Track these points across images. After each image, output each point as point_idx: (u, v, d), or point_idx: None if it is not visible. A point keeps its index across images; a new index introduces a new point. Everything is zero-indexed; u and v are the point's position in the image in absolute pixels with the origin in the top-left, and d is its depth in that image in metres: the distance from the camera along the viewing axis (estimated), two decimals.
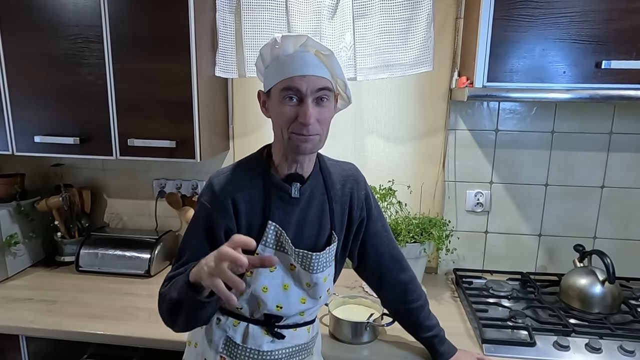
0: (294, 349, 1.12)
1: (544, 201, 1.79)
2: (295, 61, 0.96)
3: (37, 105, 1.63)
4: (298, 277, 1.08)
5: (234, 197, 1.03)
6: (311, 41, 0.96)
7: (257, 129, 1.90)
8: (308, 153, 1.01)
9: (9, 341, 1.48)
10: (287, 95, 0.96)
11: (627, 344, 1.31)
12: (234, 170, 1.07)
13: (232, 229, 1.03)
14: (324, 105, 0.98)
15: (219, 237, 1.02)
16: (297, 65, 0.96)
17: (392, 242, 1.23)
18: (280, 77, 0.97)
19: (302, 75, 0.95)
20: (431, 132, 1.82)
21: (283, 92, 0.97)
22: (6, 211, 1.79)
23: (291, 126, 0.97)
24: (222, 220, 1.02)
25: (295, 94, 0.96)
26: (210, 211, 1.03)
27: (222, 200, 1.02)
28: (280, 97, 0.97)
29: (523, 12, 1.35)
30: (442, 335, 1.25)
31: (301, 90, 0.95)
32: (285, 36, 0.96)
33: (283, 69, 0.97)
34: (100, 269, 1.83)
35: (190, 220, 1.08)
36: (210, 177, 1.07)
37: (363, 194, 1.16)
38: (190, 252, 1.04)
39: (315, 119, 0.96)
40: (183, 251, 1.06)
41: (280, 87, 0.97)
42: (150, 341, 1.38)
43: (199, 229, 1.05)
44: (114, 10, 1.52)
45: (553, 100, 1.42)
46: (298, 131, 0.97)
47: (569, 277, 1.59)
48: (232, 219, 1.03)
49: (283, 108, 0.97)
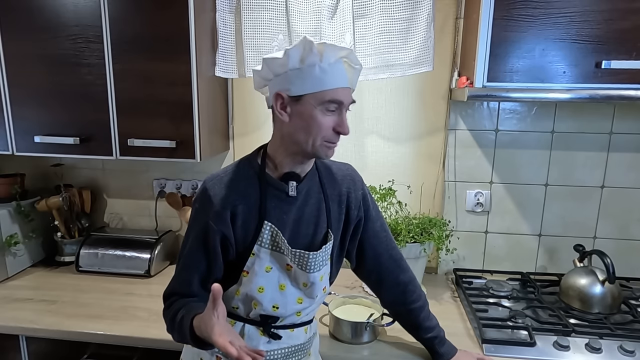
0: (290, 349, 1.12)
1: (544, 201, 1.79)
2: (339, 73, 0.98)
3: (37, 105, 1.63)
4: (295, 277, 1.08)
5: (230, 203, 1.02)
6: (352, 56, 0.99)
7: (257, 129, 1.90)
8: (329, 158, 1.05)
9: (9, 341, 1.48)
10: (331, 107, 0.98)
11: (627, 344, 1.31)
12: (229, 174, 1.06)
13: (227, 236, 1.03)
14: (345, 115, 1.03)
15: (214, 245, 1.03)
16: (341, 77, 0.99)
17: (391, 242, 1.23)
18: (323, 87, 0.96)
19: (347, 88, 1.00)
20: (431, 132, 1.82)
21: (327, 104, 0.97)
22: (6, 211, 1.79)
23: (327, 135, 0.99)
24: (217, 227, 1.02)
25: (338, 105, 0.98)
26: (205, 219, 1.02)
27: (218, 210, 1.02)
28: (321, 107, 0.98)
29: (523, 12, 1.35)
30: (442, 336, 1.25)
31: (344, 103, 0.99)
32: (328, 45, 0.95)
33: (325, 79, 0.96)
34: (100, 269, 1.83)
35: (187, 228, 1.08)
36: (205, 181, 1.06)
37: (360, 194, 1.16)
38: (187, 264, 1.06)
39: None
40: (180, 261, 1.07)
41: (323, 98, 0.97)
42: (150, 341, 1.38)
43: (193, 239, 1.05)
44: (114, 10, 1.52)
45: (553, 100, 1.42)
46: (332, 140, 1.00)
47: (569, 277, 1.59)
48: (229, 225, 1.02)
49: (323, 118, 0.98)
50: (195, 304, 1.01)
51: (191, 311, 0.97)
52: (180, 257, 1.08)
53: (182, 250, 1.08)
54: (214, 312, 0.86)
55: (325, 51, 0.95)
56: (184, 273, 1.06)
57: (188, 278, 1.05)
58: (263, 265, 1.05)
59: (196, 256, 1.04)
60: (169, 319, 1.04)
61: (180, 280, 1.06)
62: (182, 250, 1.08)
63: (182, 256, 1.07)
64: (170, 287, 1.08)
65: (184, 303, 1.02)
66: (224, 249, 1.04)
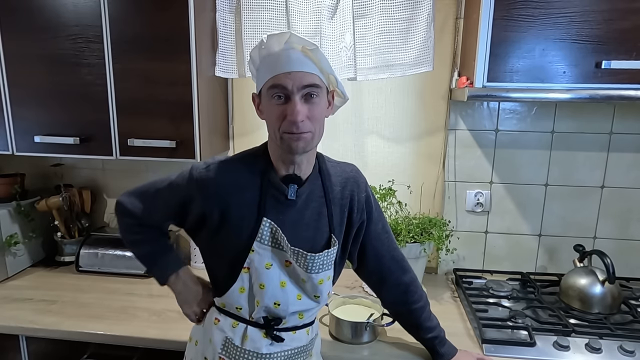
0: (292, 351, 1.11)
1: (544, 201, 1.79)
2: (280, 59, 0.95)
3: (37, 105, 1.63)
4: (294, 274, 1.07)
5: (226, 194, 1.03)
6: (295, 37, 0.96)
7: (257, 129, 1.90)
8: (301, 152, 0.99)
9: (9, 341, 1.48)
10: (274, 93, 0.96)
11: (627, 344, 1.31)
12: (235, 164, 1.07)
13: (208, 216, 1.04)
14: (313, 102, 0.97)
15: (191, 217, 1.07)
16: (282, 62, 0.95)
17: (392, 243, 1.22)
18: (267, 77, 0.97)
19: (287, 72, 0.94)
20: (431, 132, 1.82)
21: (270, 91, 0.96)
22: (6, 211, 1.79)
23: (282, 125, 0.96)
24: (202, 204, 1.03)
25: (282, 91, 0.95)
26: (196, 192, 1.04)
27: (213, 192, 1.03)
28: (268, 96, 0.97)
29: (523, 12, 1.35)
30: (443, 336, 1.25)
31: (287, 87, 0.94)
32: (270, 35, 0.96)
33: (269, 68, 0.97)
34: (100, 269, 1.83)
35: (172, 176, 1.11)
36: (214, 159, 1.07)
37: (364, 196, 1.15)
38: (155, 209, 1.13)
39: (305, 117, 0.95)
40: (150, 199, 1.13)
41: (267, 87, 0.97)
42: (150, 341, 1.38)
43: (174, 196, 1.09)
44: (114, 10, 1.52)
45: (553, 100, 1.42)
46: (288, 130, 0.95)
47: (569, 277, 1.59)
48: (215, 210, 1.03)
49: (272, 107, 0.97)
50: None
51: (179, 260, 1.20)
52: (156, 188, 1.13)
53: (156, 190, 1.12)
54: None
55: (268, 42, 0.96)
56: (158, 213, 1.14)
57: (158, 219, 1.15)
58: (263, 262, 1.04)
59: (166, 212, 1.12)
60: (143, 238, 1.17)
61: (149, 212, 1.14)
62: (156, 189, 1.12)
63: (158, 193, 1.12)
64: (138, 210, 1.14)
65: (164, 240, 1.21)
66: (198, 222, 1.07)
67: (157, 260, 1.19)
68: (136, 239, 1.18)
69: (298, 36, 0.95)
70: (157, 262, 1.19)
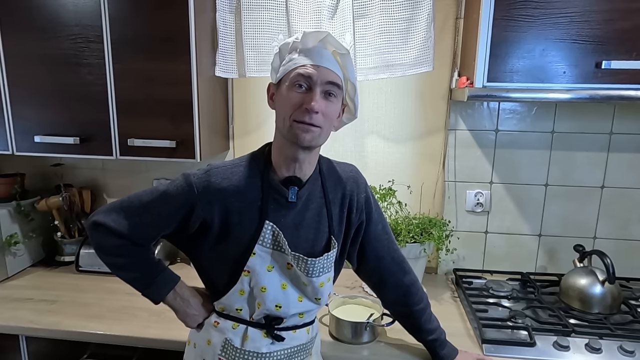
0: (293, 349, 1.11)
1: (544, 201, 1.79)
2: (312, 52, 0.98)
3: (37, 105, 1.63)
4: (295, 276, 1.07)
5: (226, 198, 1.02)
6: (331, 38, 0.99)
7: (257, 129, 1.90)
8: (306, 144, 0.98)
9: (9, 341, 1.48)
10: (298, 81, 0.97)
11: (627, 344, 1.31)
12: (234, 168, 1.05)
13: (209, 223, 1.02)
14: (330, 100, 0.99)
15: (191, 227, 1.03)
16: (313, 55, 0.98)
17: (393, 244, 1.22)
18: (294, 65, 0.98)
19: (316, 65, 0.97)
20: (431, 132, 1.82)
21: (294, 79, 0.97)
22: (6, 211, 1.79)
23: (295, 113, 0.96)
24: (204, 211, 1.01)
25: (306, 81, 0.97)
26: (197, 199, 1.01)
27: (215, 197, 1.01)
28: (290, 83, 0.98)
29: (523, 12, 1.35)
30: (443, 338, 1.25)
31: (312, 78, 0.96)
32: (307, 32, 0.98)
33: (299, 60, 0.98)
34: (100, 269, 1.82)
35: (160, 188, 1.04)
36: (211, 165, 1.05)
37: (363, 197, 1.15)
38: (146, 224, 1.04)
39: (320, 111, 0.96)
40: (139, 215, 1.04)
41: (292, 75, 0.98)
42: (150, 341, 1.38)
43: (170, 208, 1.03)
44: (114, 10, 1.52)
45: (553, 100, 1.42)
46: (301, 118, 0.96)
47: (569, 277, 1.59)
48: (217, 215, 1.02)
49: (290, 94, 0.98)
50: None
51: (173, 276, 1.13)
52: (143, 202, 1.04)
53: (152, 200, 1.03)
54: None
55: (304, 38, 0.98)
56: (149, 229, 1.05)
57: (150, 235, 1.06)
58: (264, 264, 1.04)
59: (166, 223, 1.04)
60: (130, 261, 1.08)
61: (139, 229, 1.04)
62: (152, 199, 1.03)
63: (148, 207, 1.03)
64: (124, 228, 1.03)
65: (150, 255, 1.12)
66: (199, 231, 1.04)
67: (149, 282, 1.09)
68: (122, 262, 1.08)
69: (334, 38, 0.99)
70: (150, 285, 1.09)
